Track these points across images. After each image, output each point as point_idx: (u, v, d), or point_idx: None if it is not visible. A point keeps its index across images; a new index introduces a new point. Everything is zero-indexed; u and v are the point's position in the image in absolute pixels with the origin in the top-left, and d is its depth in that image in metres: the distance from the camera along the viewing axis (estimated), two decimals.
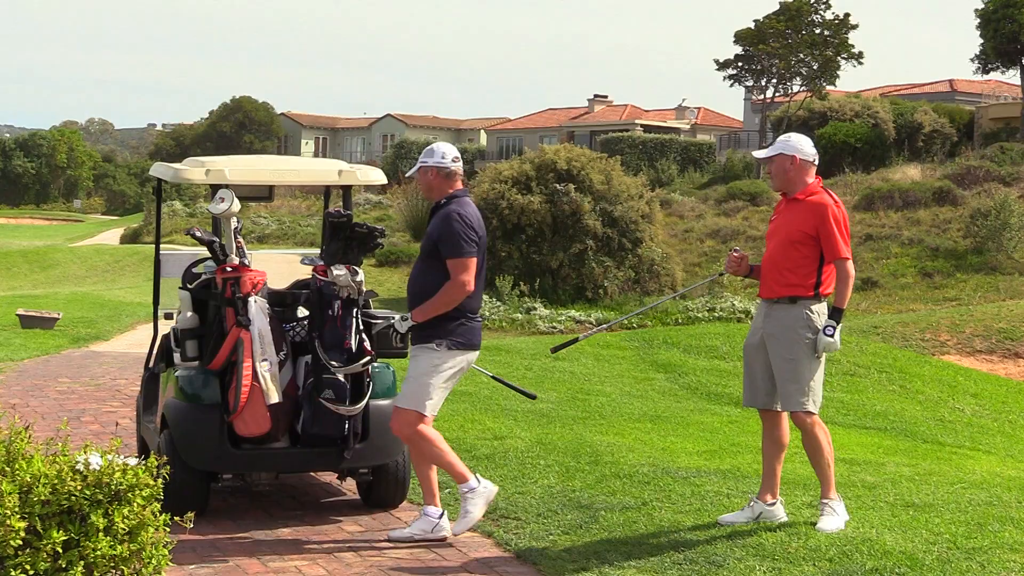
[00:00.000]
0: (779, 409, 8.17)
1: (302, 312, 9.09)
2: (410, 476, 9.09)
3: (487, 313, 31.43)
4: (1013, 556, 7.20)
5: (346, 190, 9.55)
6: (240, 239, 8.86)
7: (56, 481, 5.60)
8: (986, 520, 8.17)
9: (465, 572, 7.49)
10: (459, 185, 8.16)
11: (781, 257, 8.01)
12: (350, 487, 9.65)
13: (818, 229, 7.88)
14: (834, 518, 7.93)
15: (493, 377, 9.72)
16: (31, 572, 5.45)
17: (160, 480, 5.91)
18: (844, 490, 9.24)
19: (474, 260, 7.93)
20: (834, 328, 7.80)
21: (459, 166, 8.14)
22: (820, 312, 7.92)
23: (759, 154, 8.49)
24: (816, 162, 8.17)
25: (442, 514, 8.14)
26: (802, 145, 8.14)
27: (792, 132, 8.62)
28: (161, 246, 10.35)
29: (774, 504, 8.15)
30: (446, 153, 8.10)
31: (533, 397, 9.29)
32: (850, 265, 7.88)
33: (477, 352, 8.20)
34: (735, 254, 8.43)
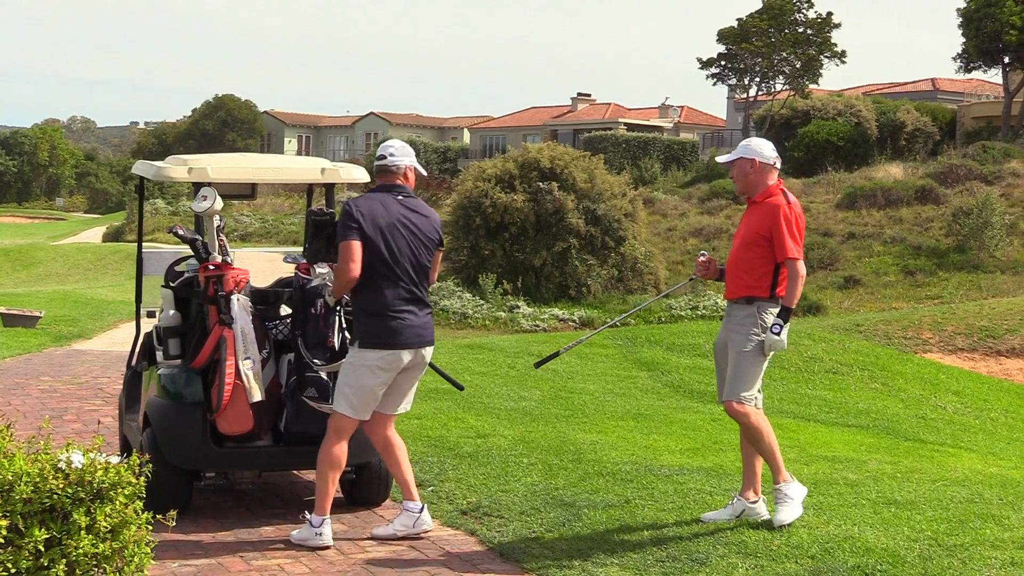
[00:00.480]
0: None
1: (285, 310, 9.08)
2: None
3: (470, 311, 31.45)
4: (994, 553, 7.23)
5: (329, 188, 9.55)
6: (223, 237, 8.84)
7: (38, 479, 5.59)
8: (967, 517, 8.19)
9: (448, 570, 7.49)
10: (391, 180, 8.02)
11: (739, 259, 8.08)
12: None
13: (771, 230, 7.95)
14: (790, 505, 7.95)
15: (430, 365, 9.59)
16: (12, 571, 5.44)
17: (142, 478, 5.90)
18: (826, 488, 9.27)
19: (352, 244, 7.74)
20: (781, 327, 7.86)
21: (395, 160, 8.00)
22: (774, 313, 7.96)
23: (721, 159, 8.54)
24: (777, 165, 8.22)
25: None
26: (762, 149, 8.18)
27: (755, 136, 8.63)
28: (143, 244, 10.33)
29: (756, 502, 8.17)
30: (380, 149, 8.09)
31: (461, 388, 9.20)
32: (799, 265, 7.89)
33: (404, 351, 7.87)
34: (701, 259, 8.50)
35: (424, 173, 8.39)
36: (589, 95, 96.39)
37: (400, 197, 7.99)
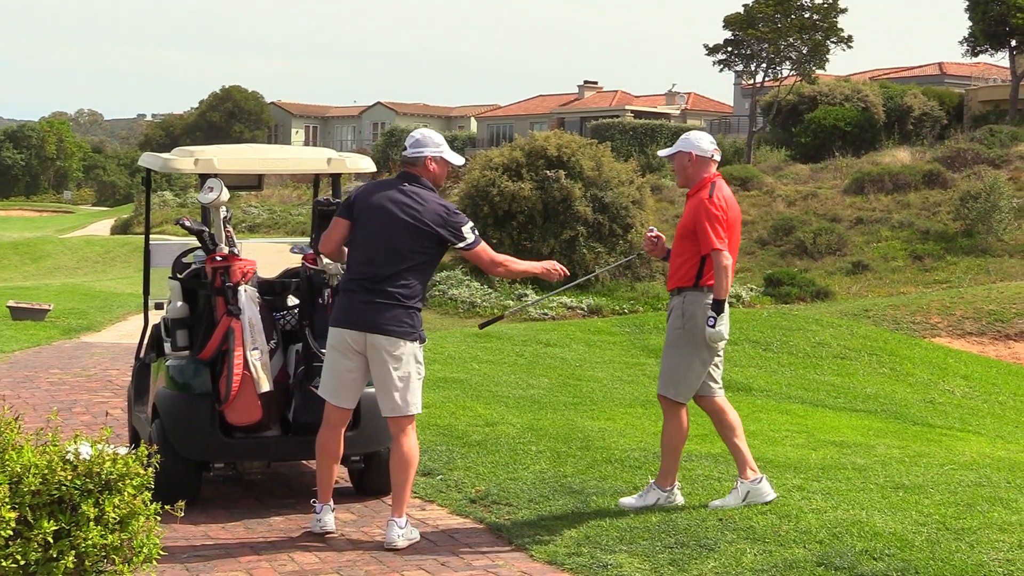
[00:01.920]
0: (703, 394, 8.31)
1: (292, 300, 9.10)
2: None
3: (478, 300, 31.49)
4: (1002, 536, 7.23)
5: (335, 178, 9.55)
6: (229, 228, 8.87)
7: (46, 471, 5.61)
8: (975, 501, 8.20)
9: (457, 559, 7.51)
10: (412, 170, 7.96)
11: (674, 252, 8.23)
12: (342, 475, 9.66)
13: (695, 223, 8.05)
14: (644, 499, 8.16)
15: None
16: (22, 562, 5.46)
17: (151, 469, 5.92)
18: (834, 472, 9.28)
19: (337, 221, 7.86)
20: (715, 319, 7.95)
21: (416, 151, 7.94)
22: (697, 302, 8.04)
23: (663, 153, 8.63)
24: (716, 158, 8.28)
25: (321, 509, 8.02)
26: (700, 142, 8.27)
27: (693, 131, 8.70)
28: (151, 236, 10.35)
29: (758, 480, 8.21)
30: (408, 138, 8.09)
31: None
32: (723, 257, 7.94)
33: (347, 331, 7.74)
34: (650, 234, 8.58)
35: (458, 162, 8.18)
36: (596, 83, 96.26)
37: (405, 185, 7.88)
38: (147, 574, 5.80)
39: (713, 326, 7.94)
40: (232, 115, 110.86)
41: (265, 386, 8.30)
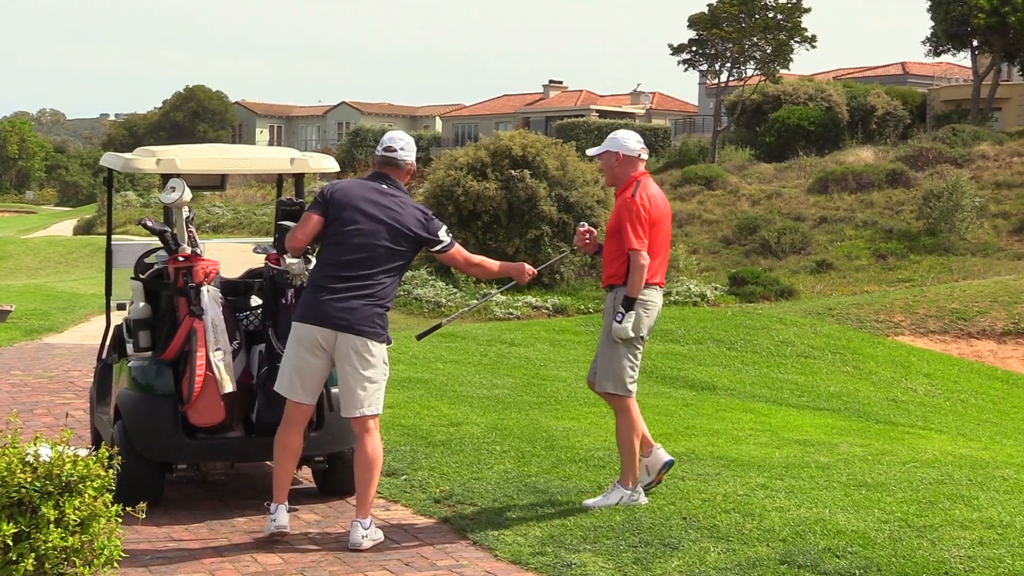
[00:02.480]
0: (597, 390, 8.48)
1: (255, 301, 9.06)
2: None
3: (443, 299, 31.47)
4: (963, 533, 7.27)
5: (299, 178, 9.52)
6: (192, 228, 8.84)
7: (6, 473, 5.57)
8: (937, 498, 8.24)
9: (421, 558, 7.50)
10: (384, 171, 7.94)
11: (605, 249, 8.36)
12: (306, 475, 9.64)
13: (619, 222, 8.17)
14: (607, 498, 8.23)
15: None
16: None
17: (111, 471, 5.89)
18: (798, 471, 9.31)
19: (310, 216, 7.79)
20: (623, 315, 8.07)
21: (388, 155, 7.92)
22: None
23: (591, 152, 8.76)
24: (643, 156, 8.40)
25: (278, 508, 7.90)
26: (626, 141, 8.38)
27: (620, 130, 8.79)
28: (114, 237, 10.29)
29: (649, 452, 8.43)
30: (382, 141, 8.03)
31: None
32: (640, 257, 8.05)
33: (317, 328, 7.69)
34: (581, 229, 8.64)
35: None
36: (561, 82, 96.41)
37: (383, 186, 7.88)
38: None
39: (620, 322, 8.06)
40: (196, 115, 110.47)
41: (228, 387, 8.27)
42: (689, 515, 7.89)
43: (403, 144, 8.00)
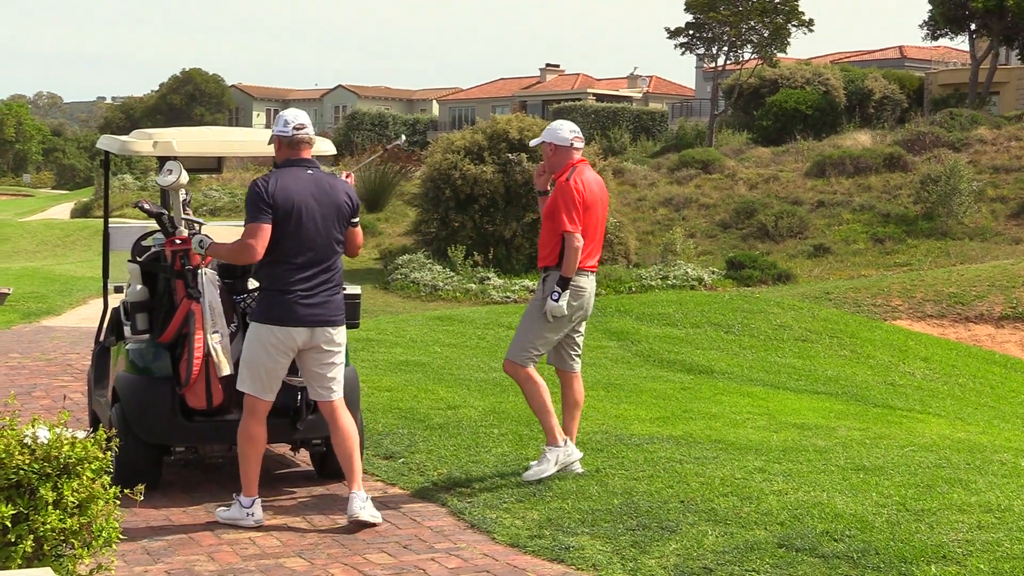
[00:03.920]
0: (562, 368, 8.90)
1: (252, 283, 9.05)
2: (364, 447, 9.09)
3: (441, 283, 31.45)
4: (961, 517, 7.28)
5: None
6: (189, 211, 8.83)
7: (4, 455, 5.56)
8: (935, 482, 8.25)
9: (419, 541, 7.50)
10: (301, 154, 7.92)
11: (542, 231, 8.64)
12: (304, 458, 9.65)
13: (554, 206, 8.46)
14: (544, 465, 8.48)
15: None
16: None
17: (109, 453, 5.88)
18: (795, 454, 9.31)
19: (262, 226, 7.64)
20: (558, 294, 8.40)
21: (305, 133, 7.89)
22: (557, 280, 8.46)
23: (533, 143, 8.99)
24: (576, 145, 8.67)
25: (254, 501, 7.93)
26: (560, 131, 8.70)
27: (556, 121, 9.10)
28: (111, 219, 10.28)
29: (567, 448, 8.60)
30: (288, 120, 7.95)
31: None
32: (574, 239, 8.37)
33: (297, 329, 7.73)
34: (541, 164, 8.91)
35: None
36: (558, 66, 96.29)
37: (310, 172, 7.90)
38: (107, 558, 5.76)
39: (556, 300, 8.37)
40: (193, 98, 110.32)
41: (226, 369, 8.27)
42: (687, 498, 7.89)
43: (302, 120, 8.00)
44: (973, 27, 58.64)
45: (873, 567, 6.51)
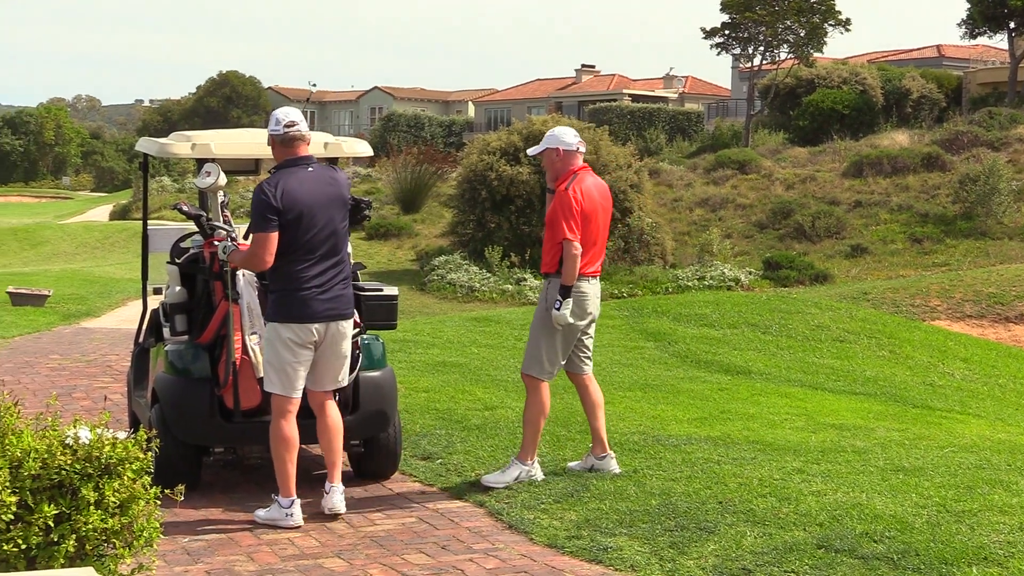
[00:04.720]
0: (573, 371, 8.85)
1: None
2: (401, 447, 9.11)
3: (477, 284, 31.47)
4: (1002, 518, 7.23)
5: (332, 163, 9.53)
6: (227, 213, 8.86)
7: (46, 455, 5.60)
8: (975, 483, 8.20)
9: (457, 542, 7.51)
10: (299, 151, 7.95)
11: (544, 239, 8.64)
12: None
13: (553, 213, 8.47)
14: (504, 476, 8.54)
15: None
16: (23, 546, 5.46)
17: (150, 454, 5.91)
18: (834, 455, 9.27)
19: (270, 236, 7.68)
20: (560, 302, 8.37)
21: (297, 130, 7.91)
22: (558, 288, 8.45)
23: (532, 151, 9.00)
24: (580, 150, 8.66)
25: (292, 502, 7.94)
26: (564, 137, 8.64)
27: (557, 127, 9.01)
28: (149, 221, 10.34)
29: (604, 456, 8.71)
30: (279, 119, 7.96)
31: None
32: (572, 247, 8.35)
33: (314, 324, 7.82)
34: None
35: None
36: (593, 66, 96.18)
37: (310, 169, 7.95)
38: (147, 557, 5.80)
39: (558, 309, 8.35)
40: (230, 100, 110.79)
41: (263, 370, 8.29)
42: (725, 499, 7.87)
43: (294, 117, 8.03)
44: (1012, 25, 58.17)
45: (913, 568, 6.48)
